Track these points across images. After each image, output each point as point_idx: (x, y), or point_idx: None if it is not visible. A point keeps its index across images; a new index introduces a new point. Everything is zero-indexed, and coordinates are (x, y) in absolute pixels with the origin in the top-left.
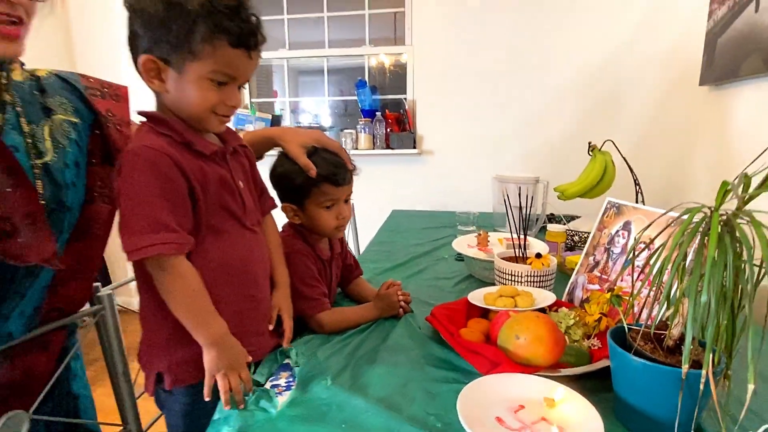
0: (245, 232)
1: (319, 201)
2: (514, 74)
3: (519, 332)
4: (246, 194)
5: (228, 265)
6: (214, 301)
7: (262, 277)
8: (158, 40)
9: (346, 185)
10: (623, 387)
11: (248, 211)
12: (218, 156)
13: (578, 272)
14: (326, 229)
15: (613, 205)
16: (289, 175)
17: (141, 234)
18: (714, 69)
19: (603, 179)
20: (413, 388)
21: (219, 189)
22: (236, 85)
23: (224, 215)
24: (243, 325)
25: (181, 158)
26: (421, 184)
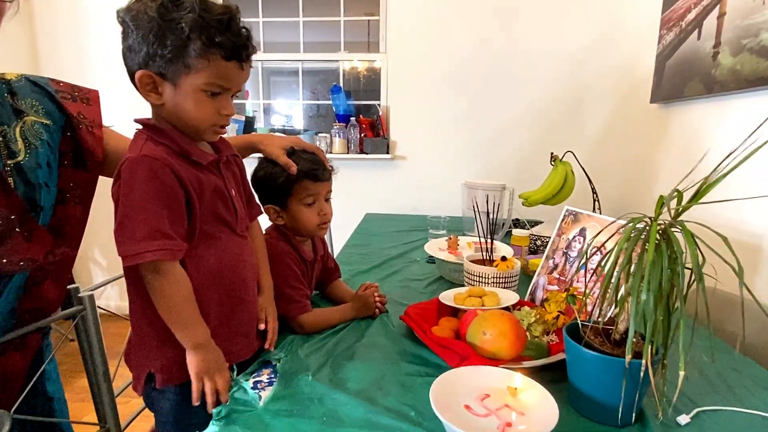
0: (236, 239)
1: (300, 197)
2: (484, 84)
3: (485, 328)
4: (237, 202)
5: (220, 270)
6: (206, 304)
7: (251, 281)
8: (153, 55)
9: (325, 181)
10: (576, 376)
11: (239, 218)
12: (213, 165)
13: (539, 274)
14: (309, 226)
15: (571, 212)
16: (272, 176)
17: (139, 240)
18: (662, 89)
19: (563, 188)
20: (389, 381)
21: (213, 198)
22: (230, 95)
23: (217, 222)
24: (232, 326)
25: (179, 168)
26: (394, 189)
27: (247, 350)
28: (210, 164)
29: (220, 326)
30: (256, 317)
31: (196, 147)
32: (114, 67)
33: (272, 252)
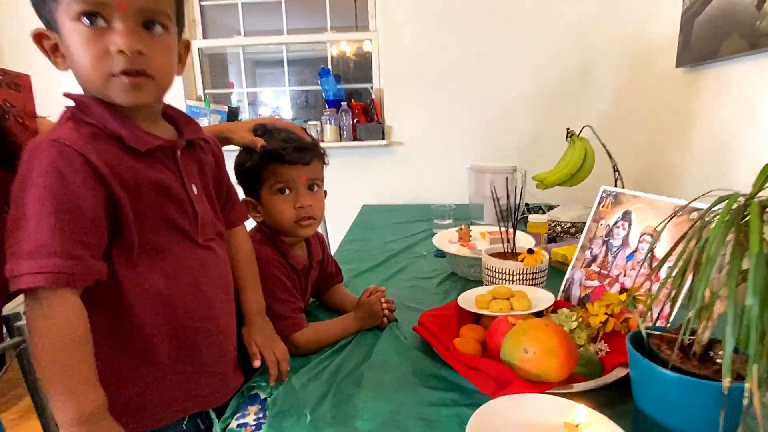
0: (197, 251)
1: (270, 184)
2: (486, 60)
3: (527, 344)
4: (200, 203)
5: (171, 293)
6: (152, 337)
7: (221, 304)
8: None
9: (298, 164)
10: (647, 401)
11: (203, 223)
12: (162, 153)
13: (574, 267)
14: (283, 221)
15: (609, 193)
16: (242, 163)
17: (20, 257)
18: (691, 50)
19: (583, 166)
20: (406, 415)
21: (158, 197)
22: (119, 22)
23: (167, 230)
24: (196, 364)
25: (104, 156)
26: (392, 177)
27: (221, 393)
28: (155, 151)
29: (178, 364)
30: (232, 351)
31: (134, 128)
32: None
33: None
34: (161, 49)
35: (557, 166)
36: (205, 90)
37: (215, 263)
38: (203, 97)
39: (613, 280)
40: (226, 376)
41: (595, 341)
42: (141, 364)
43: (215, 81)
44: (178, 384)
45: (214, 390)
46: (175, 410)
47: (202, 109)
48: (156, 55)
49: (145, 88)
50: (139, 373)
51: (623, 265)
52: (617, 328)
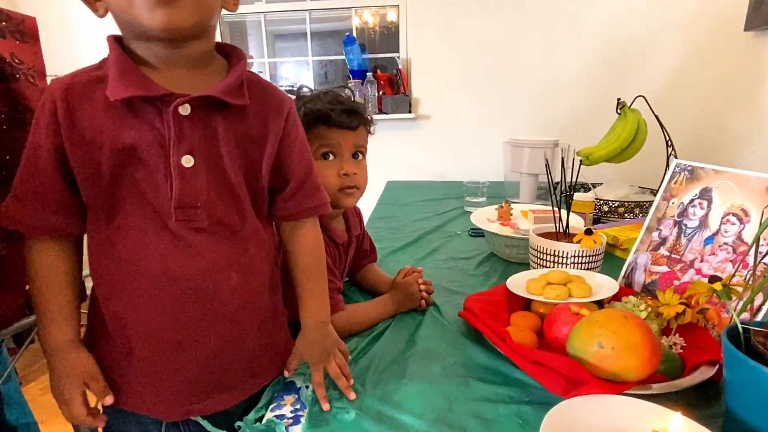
0: (162, 238)
1: (314, 149)
2: (523, 25)
3: (602, 338)
4: (196, 179)
5: (142, 278)
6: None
7: (199, 312)
8: None
9: (346, 128)
10: (750, 408)
11: (181, 205)
12: (155, 106)
13: (638, 251)
14: (326, 188)
15: (684, 168)
16: None
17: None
18: (764, 11)
19: (635, 140)
20: (460, 412)
21: (122, 160)
22: None
23: (132, 201)
24: (168, 378)
25: (74, 102)
26: (418, 152)
27: (226, 403)
28: (139, 103)
29: (149, 372)
30: (235, 371)
31: (129, 74)
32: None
33: None
34: None
35: (605, 140)
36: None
37: (192, 264)
38: None
39: (687, 265)
40: (229, 390)
41: (668, 334)
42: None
43: None
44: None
45: (207, 408)
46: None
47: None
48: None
49: (179, 4)
50: (107, 350)
51: (700, 249)
52: (694, 320)
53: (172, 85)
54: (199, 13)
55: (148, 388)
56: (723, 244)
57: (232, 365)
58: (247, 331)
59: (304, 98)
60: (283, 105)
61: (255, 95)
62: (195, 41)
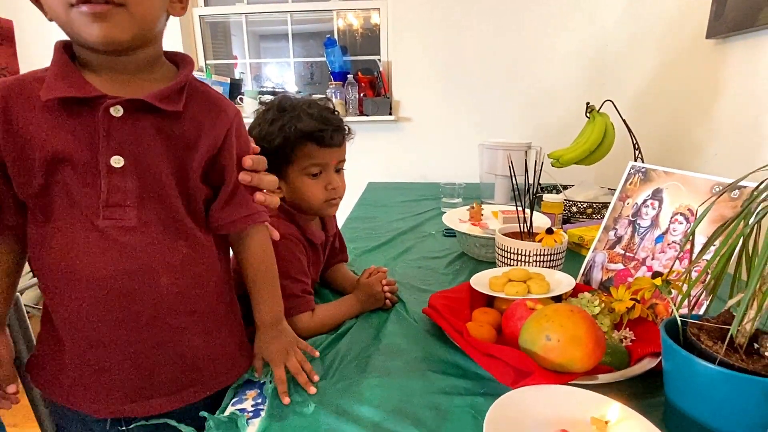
0: (91, 236)
1: (303, 166)
2: (500, 32)
3: (550, 331)
4: (123, 179)
5: (70, 276)
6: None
7: (149, 314)
8: None
9: (336, 147)
10: (684, 397)
11: (112, 205)
12: (89, 107)
13: (596, 249)
14: (314, 203)
15: (638, 170)
16: (266, 137)
17: None
18: (725, 19)
19: (602, 143)
20: (418, 404)
21: (50, 160)
22: None
23: (62, 200)
24: (96, 376)
25: (11, 101)
26: (398, 154)
27: (166, 407)
28: (72, 105)
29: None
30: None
31: (66, 77)
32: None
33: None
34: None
35: (575, 143)
36: (206, 60)
37: (124, 263)
38: (204, 68)
39: (640, 263)
40: (174, 393)
41: (619, 328)
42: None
43: (217, 52)
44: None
45: (145, 410)
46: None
47: (203, 80)
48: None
49: (113, 19)
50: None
51: (651, 247)
52: (643, 314)
53: (113, 90)
54: (138, 26)
55: (78, 384)
56: (671, 242)
57: (165, 370)
58: (183, 337)
59: (286, 113)
60: (225, 115)
61: (196, 103)
62: (138, 50)
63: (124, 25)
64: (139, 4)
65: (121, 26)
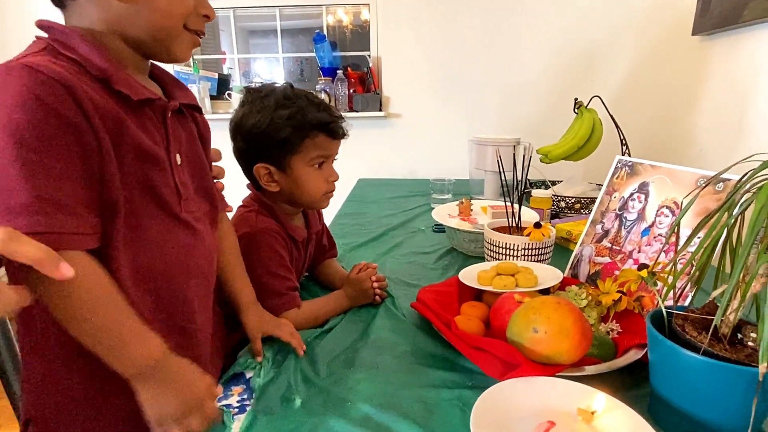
0: (179, 232)
1: (310, 157)
2: (489, 27)
3: (537, 323)
4: (184, 175)
5: (145, 277)
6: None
7: (201, 298)
8: None
9: (342, 139)
10: (669, 387)
11: (185, 198)
12: (152, 110)
13: (583, 243)
14: (314, 195)
15: (625, 164)
16: (272, 125)
17: (11, 213)
18: (711, 16)
19: (590, 139)
20: (405, 397)
21: (139, 158)
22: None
23: (149, 200)
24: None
25: (88, 94)
26: (389, 150)
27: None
28: (144, 106)
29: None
30: (206, 354)
31: (125, 73)
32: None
33: (252, 230)
34: None
35: (563, 139)
36: (194, 55)
37: (200, 250)
38: (192, 63)
39: (626, 256)
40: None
41: (606, 321)
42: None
43: (205, 47)
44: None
45: None
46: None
47: (190, 74)
48: None
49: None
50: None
51: (638, 240)
52: (630, 306)
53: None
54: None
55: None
56: (657, 235)
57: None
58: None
59: (293, 103)
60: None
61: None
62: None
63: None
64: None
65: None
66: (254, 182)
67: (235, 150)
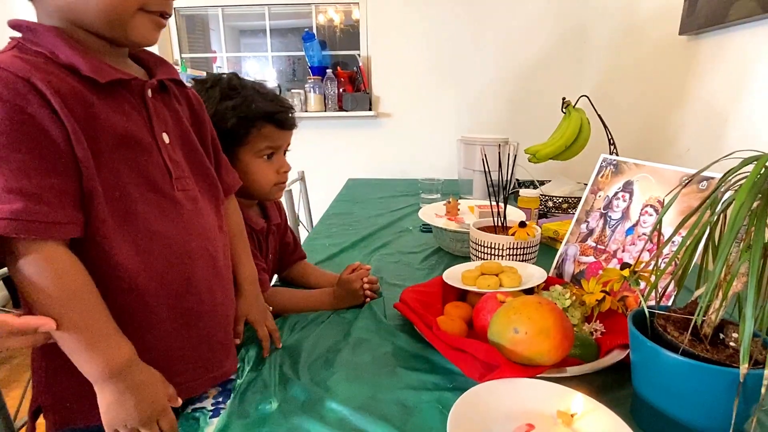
0: (175, 208)
1: (258, 148)
2: (478, 28)
3: (518, 324)
4: (175, 153)
5: (148, 263)
6: (147, 305)
7: (208, 279)
8: None
9: (290, 129)
10: (651, 387)
11: (177, 177)
12: (129, 92)
13: (568, 242)
14: (264, 186)
15: (610, 162)
16: (216, 116)
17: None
18: (697, 15)
19: (578, 139)
20: (384, 399)
21: (119, 143)
22: None
23: (134, 182)
24: (171, 356)
25: (53, 85)
26: (378, 150)
27: (204, 386)
28: (117, 88)
29: (152, 359)
30: (221, 334)
31: (93, 59)
32: None
33: None
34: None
35: (551, 139)
36: (182, 54)
37: (200, 229)
38: (179, 61)
39: (611, 255)
40: (216, 364)
41: (590, 321)
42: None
43: (194, 46)
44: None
45: (194, 385)
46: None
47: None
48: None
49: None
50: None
51: (622, 239)
52: (614, 306)
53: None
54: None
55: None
56: (642, 234)
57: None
58: (228, 309)
59: (238, 92)
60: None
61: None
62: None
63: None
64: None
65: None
66: None
67: None
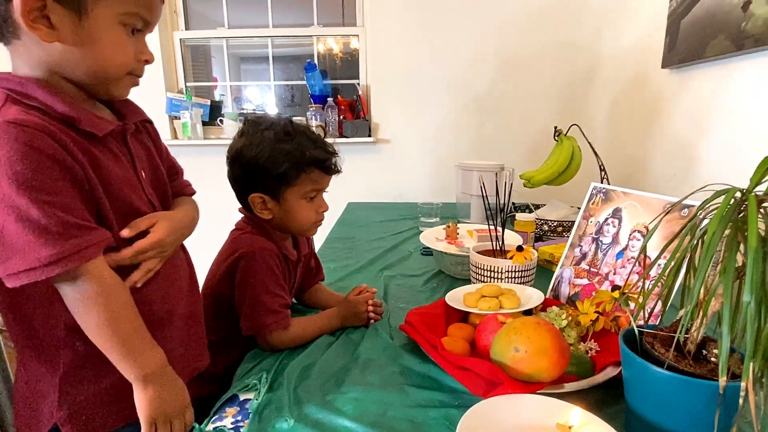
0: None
1: (304, 191)
2: (474, 57)
3: (518, 343)
4: (149, 186)
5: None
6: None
7: (184, 305)
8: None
9: (335, 174)
10: (641, 401)
11: (156, 207)
12: (113, 136)
13: (563, 265)
14: (304, 225)
15: (600, 190)
16: (271, 160)
17: (38, 245)
18: (677, 51)
19: (570, 165)
20: (394, 416)
21: (118, 184)
22: (147, 33)
23: (128, 217)
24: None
25: (62, 136)
26: (378, 175)
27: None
28: (111, 136)
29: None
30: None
31: (84, 111)
32: None
33: (249, 249)
34: None
35: (544, 165)
36: (186, 82)
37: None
38: (184, 90)
39: (603, 278)
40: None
41: (585, 340)
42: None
43: (198, 74)
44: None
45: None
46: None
47: (183, 101)
48: None
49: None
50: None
51: (613, 263)
52: (607, 326)
53: (103, 116)
54: None
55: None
56: (630, 258)
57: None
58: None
59: (292, 139)
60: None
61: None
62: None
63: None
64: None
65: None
66: (247, 207)
67: (230, 176)
